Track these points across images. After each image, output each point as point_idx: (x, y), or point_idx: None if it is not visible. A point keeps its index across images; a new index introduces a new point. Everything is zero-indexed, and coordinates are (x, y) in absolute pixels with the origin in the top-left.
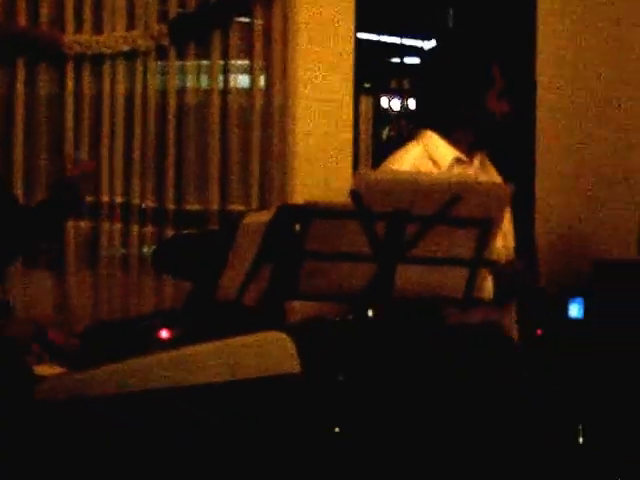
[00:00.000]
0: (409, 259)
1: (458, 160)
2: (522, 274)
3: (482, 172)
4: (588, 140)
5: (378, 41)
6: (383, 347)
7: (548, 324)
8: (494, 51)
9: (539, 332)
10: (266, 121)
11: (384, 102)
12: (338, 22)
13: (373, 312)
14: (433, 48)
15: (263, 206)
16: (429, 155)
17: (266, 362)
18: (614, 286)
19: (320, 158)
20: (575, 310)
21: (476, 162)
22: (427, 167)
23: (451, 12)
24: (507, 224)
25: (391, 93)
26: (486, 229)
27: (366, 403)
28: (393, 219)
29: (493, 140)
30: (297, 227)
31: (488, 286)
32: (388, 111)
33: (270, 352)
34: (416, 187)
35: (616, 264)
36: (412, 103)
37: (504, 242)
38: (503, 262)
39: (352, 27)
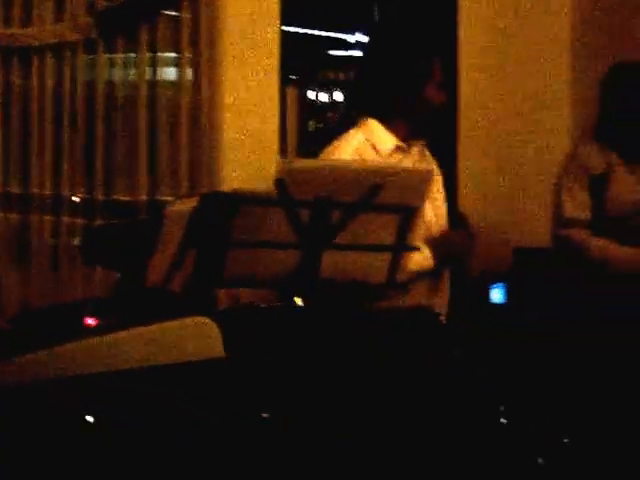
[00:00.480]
0: (333, 246)
1: (398, 148)
2: (456, 242)
3: (420, 161)
4: (509, 134)
5: (304, 34)
6: (311, 333)
7: (471, 309)
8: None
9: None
10: (194, 113)
11: (311, 94)
12: (264, 15)
13: (300, 299)
14: (375, 38)
15: (191, 196)
16: (370, 142)
17: (190, 347)
18: (533, 272)
19: (247, 149)
20: (497, 295)
21: (415, 150)
22: (369, 154)
23: (376, 6)
24: (438, 195)
25: (317, 85)
26: (408, 215)
27: (294, 389)
28: (317, 206)
29: (431, 129)
30: (222, 215)
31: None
32: (315, 103)
33: (194, 337)
34: (338, 175)
35: (534, 252)
36: (338, 95)
37: (435, 212)
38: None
39: (278, 20)
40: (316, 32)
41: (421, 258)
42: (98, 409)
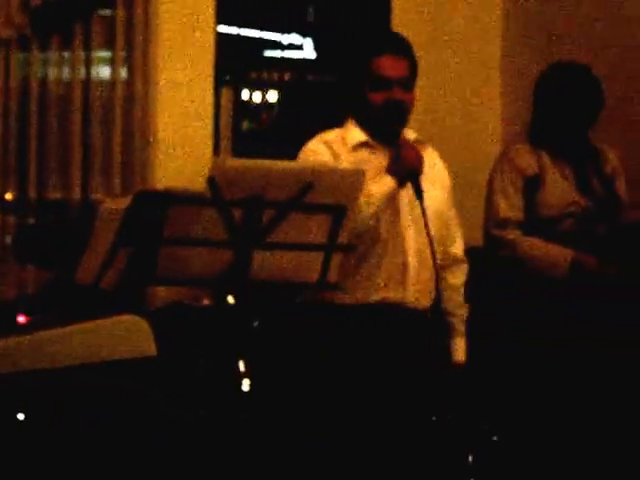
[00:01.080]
0: (265, 245)
1: (365, 144)
2: (408, 157)
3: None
4: (440, 132)
5: (239, 34)
6: (243, 331)
7: None
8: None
9: None
10: (127, 112)
11: (245, 95)
12: (199, 15)
13: (233, 298)
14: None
15: (124, 195)
16: (342, 136)
17: (121, 345)
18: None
19: (181, 149)
20: None
21: (389, 150)
22: (337, 146)
23: (311, 7)
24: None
25: (252, 85)
26: (340, 214)
27: (225, 386)
28: (249, 205)
29: (390, 130)
30: (154, 213)
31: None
32: (249, 103)
33: (125, 335)
34: (270, 174)
35: (469, 251)
36: (273, 96)
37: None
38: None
39: (213, 20)
40: (251, 33)
41: (380, 184)
42: (28, 407)
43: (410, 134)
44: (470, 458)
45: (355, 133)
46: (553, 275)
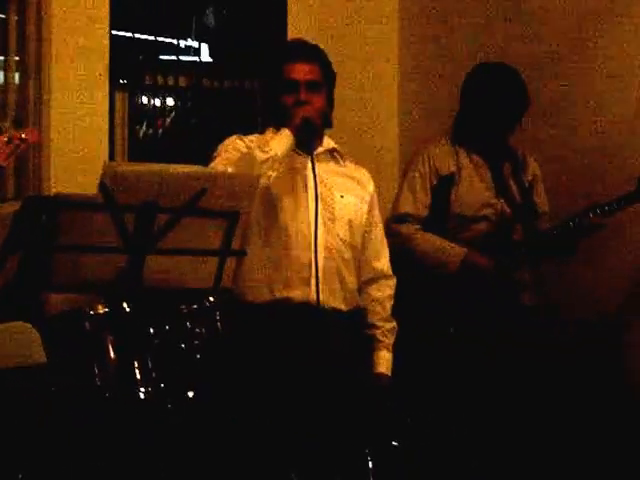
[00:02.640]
0: (158, 250)
1: (294, 150)
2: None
3: (322, 166)
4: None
5: (134, 38)
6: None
7: None
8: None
9: None
10: (21, 115)
11: (141, 99)
12: (94, 19)
13: (128, 304)
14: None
15: (16, 200)
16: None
17: (10, 353)
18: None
19: (76, 153)
20: None
21: (314, 155)
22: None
23: (209, 12)
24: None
25: (148, 90)
26: (233, 220)
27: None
28: (142, 211)
29: (308, 140)
30: (43, 219)
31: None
32: (145, 108)
33: (14, 343)
34: (163, 179)
35: None
36: (169, 100)
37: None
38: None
39: (107, 23)
40: (147, 37)
41: (280, 138)
42: None
43: (331, 143)
44: (370, 464)
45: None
46: (442, 272)
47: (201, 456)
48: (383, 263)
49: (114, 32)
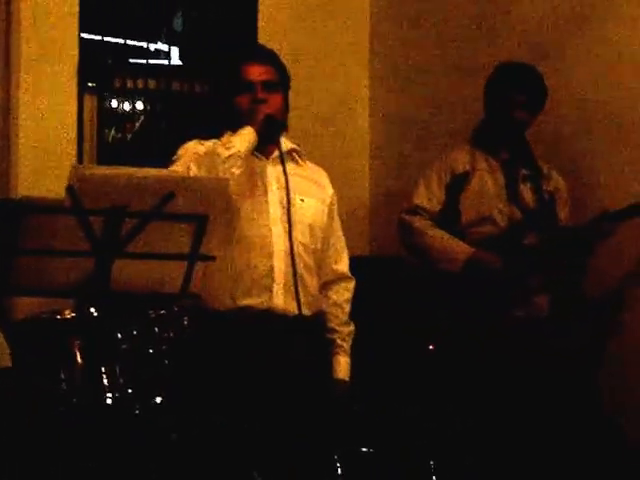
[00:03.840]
0: (126, 254)
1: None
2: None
3: (280, 169)
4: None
5: (104, 41)
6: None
7: None
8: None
9: None
10: None
11: (110, 103)
12: (63, 21)
13: (95, 309)
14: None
15: None
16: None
17: None
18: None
19: (44, 157)
20: None
21: (272, 158)
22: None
23: (179, 15)
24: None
25: (117, 94)
26: (202, 224)
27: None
28: (109, 215)
29: (271, 136)
30: (8, 222)
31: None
32: (114, 111)
33: None
34: (131, 183)
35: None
36: (139, 104)
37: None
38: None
39: (76, 26)
40: (116, 40)
41: (242, 135)
42: None
43: (289, 144)
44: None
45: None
46: (446, 268)
47: (168, 461)
48: (343, 265)
49: (83, 35)
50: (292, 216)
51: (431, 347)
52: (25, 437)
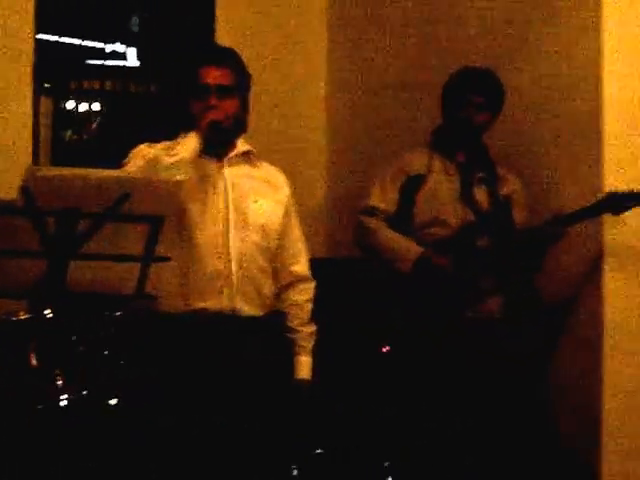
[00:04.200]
0: (80, 256)
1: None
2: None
3: (234, 171)
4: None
5: (60, 42)
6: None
7: None
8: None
9: None
10: None
11: (66, 104)
12: (18, 22)
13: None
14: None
15: None
16: (170, 147)
17: None
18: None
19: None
20: None
21: (226, 160)
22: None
23: (136, 16)
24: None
25: (73, 94)
26: (157, 225)
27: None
28: (63, 216)
29: (216, 143)
30: None
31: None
32: (71, 113)
33: None
34: (86, 183)
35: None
36: (95, 105)
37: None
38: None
39: (32, 27)
40: (72, 40)
41: (186, 141)
42: None
43: (244, 146)
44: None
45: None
46: (398, 269)
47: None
48: (302, 266)
49: (39, 36)
50: (245, 218)
51: (386, 348)
52: None
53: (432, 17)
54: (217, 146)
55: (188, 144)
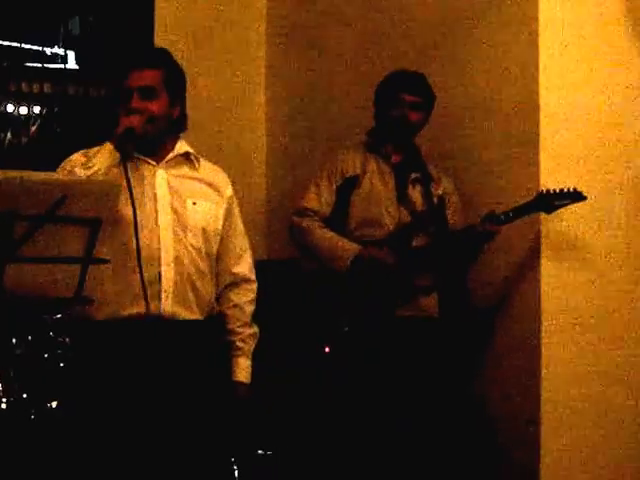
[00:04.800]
0: (18, 259)
1: (142, 157)
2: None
3: (173, 172)
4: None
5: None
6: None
7: None
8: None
9: None
10: None
11: (9, 107)
12: None
13: None
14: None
15: None
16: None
17: None
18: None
19: None
20: None
21: (164, 163)
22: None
23: (76, 19)
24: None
25: (13, 97)
26: (95, 228)
27: None
28: (0, 218)
29: (132, 150)
30: None
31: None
32: (10, 116)
33: None
34: (22, 186)
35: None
36: (36, 108)
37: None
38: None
39: None
40: (11, 43)
41: (102, 152)
42: None
43: (183, 147)
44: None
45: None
46: (334, 267)
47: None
48: (244, 267)
49: None
50: (184, 221)
51: (327, 349)
52: None
53: (369, 23)
54: (130, 152)
55: (104, 156)
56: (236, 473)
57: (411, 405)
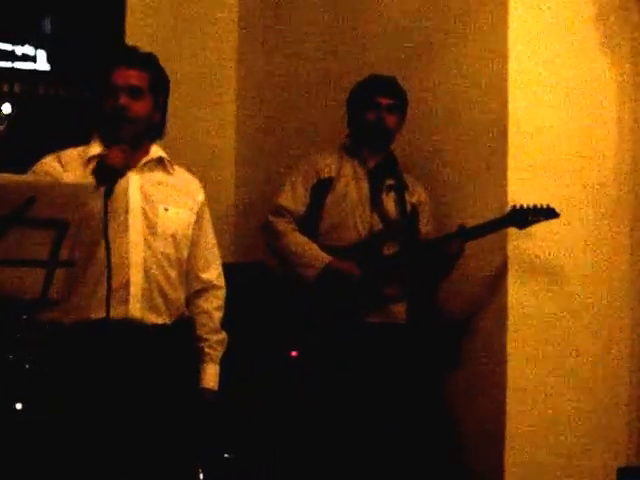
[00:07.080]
0: None
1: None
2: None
3: (146, 177)
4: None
5: None
6: None
7: None
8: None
9: None
10: None
11: None
12: None
13: None
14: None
15: None
16: (81, 151)
17: None
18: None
19: None
20: None
21: (138, 167)
22: (69, 159)
23: (47, 19)
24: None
25: None
26: (62, 230)
27: None
28: None
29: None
30: None
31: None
32: None
33: None
34: None
35: None
36: (6, 108)
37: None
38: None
39: None
40: None
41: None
42: None
43: (158, 152)
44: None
45: (94, 147)
46: (303, 274)
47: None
48: (212, 274)
49: None
50: (155, 227)
51: (293, 353)
52: None
53: (337, 24)
54: (105, 183)
55: (76, 169)
56: (201, 476)
57: (379, 408)
